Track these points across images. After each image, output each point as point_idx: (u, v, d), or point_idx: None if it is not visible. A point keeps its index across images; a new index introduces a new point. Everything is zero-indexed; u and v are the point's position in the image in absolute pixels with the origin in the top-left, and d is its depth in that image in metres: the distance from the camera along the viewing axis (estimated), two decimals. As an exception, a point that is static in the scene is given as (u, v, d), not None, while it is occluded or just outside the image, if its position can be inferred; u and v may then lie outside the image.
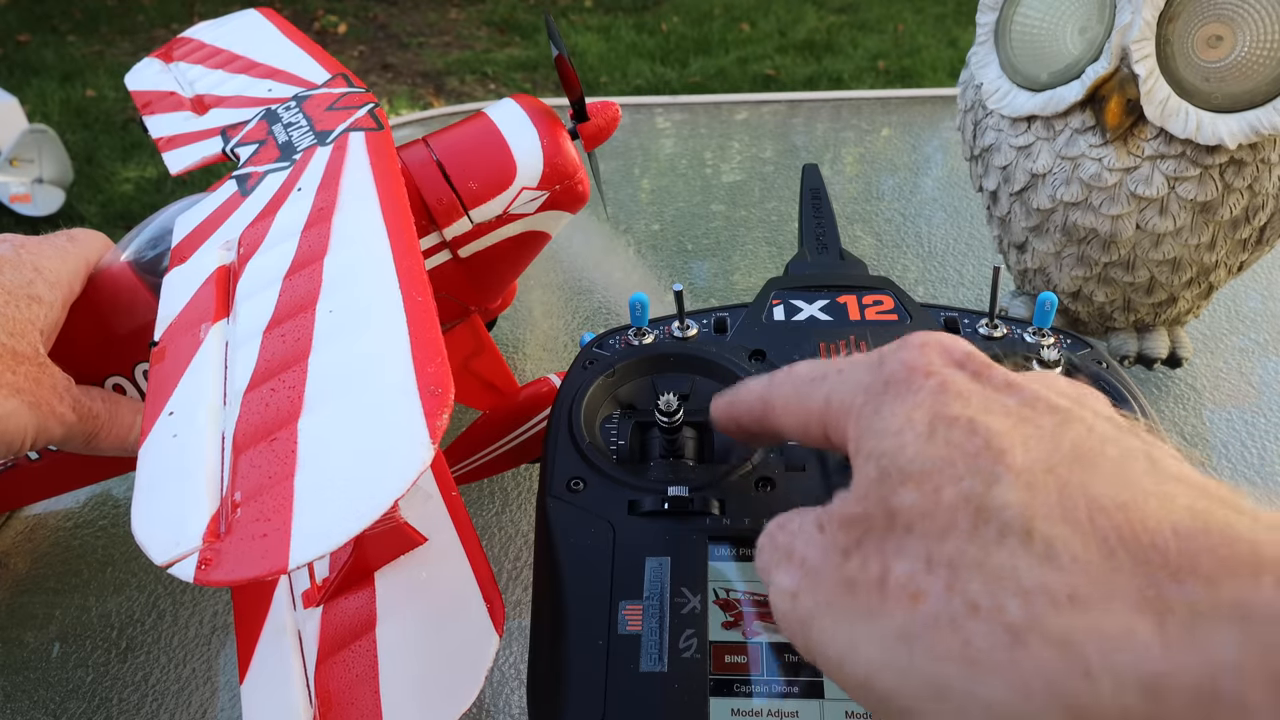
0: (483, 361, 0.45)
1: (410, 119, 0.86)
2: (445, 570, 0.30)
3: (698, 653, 0.26)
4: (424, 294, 0.28)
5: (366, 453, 0.24)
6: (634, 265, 0.66)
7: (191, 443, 0.26)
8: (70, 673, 0.40)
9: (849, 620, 0.20)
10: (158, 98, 0.48)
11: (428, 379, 0.25)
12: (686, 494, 0.30)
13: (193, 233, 0.36)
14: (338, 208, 0.33)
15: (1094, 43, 0.42)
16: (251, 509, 0.23)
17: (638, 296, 0.37)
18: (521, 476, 0.48)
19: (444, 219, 0.41)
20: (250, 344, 0.28)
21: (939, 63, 2.63)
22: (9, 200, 1.95)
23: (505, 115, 0.42)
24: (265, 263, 0.32)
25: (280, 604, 0.31)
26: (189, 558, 0.22)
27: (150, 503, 0.25)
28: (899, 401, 0.21)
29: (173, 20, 3.07)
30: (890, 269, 0.64)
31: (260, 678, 0.29)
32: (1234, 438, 0.49)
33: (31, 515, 0.48)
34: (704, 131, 0.85)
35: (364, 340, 0.27)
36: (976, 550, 0.18)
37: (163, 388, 0.28)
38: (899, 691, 0.18)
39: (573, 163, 0.42)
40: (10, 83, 2.41)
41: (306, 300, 0.29)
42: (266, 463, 0.24)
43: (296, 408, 0.25)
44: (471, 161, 0.41)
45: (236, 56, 0.49)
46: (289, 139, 0.39)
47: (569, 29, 2.95)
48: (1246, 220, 0.43)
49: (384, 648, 0.28)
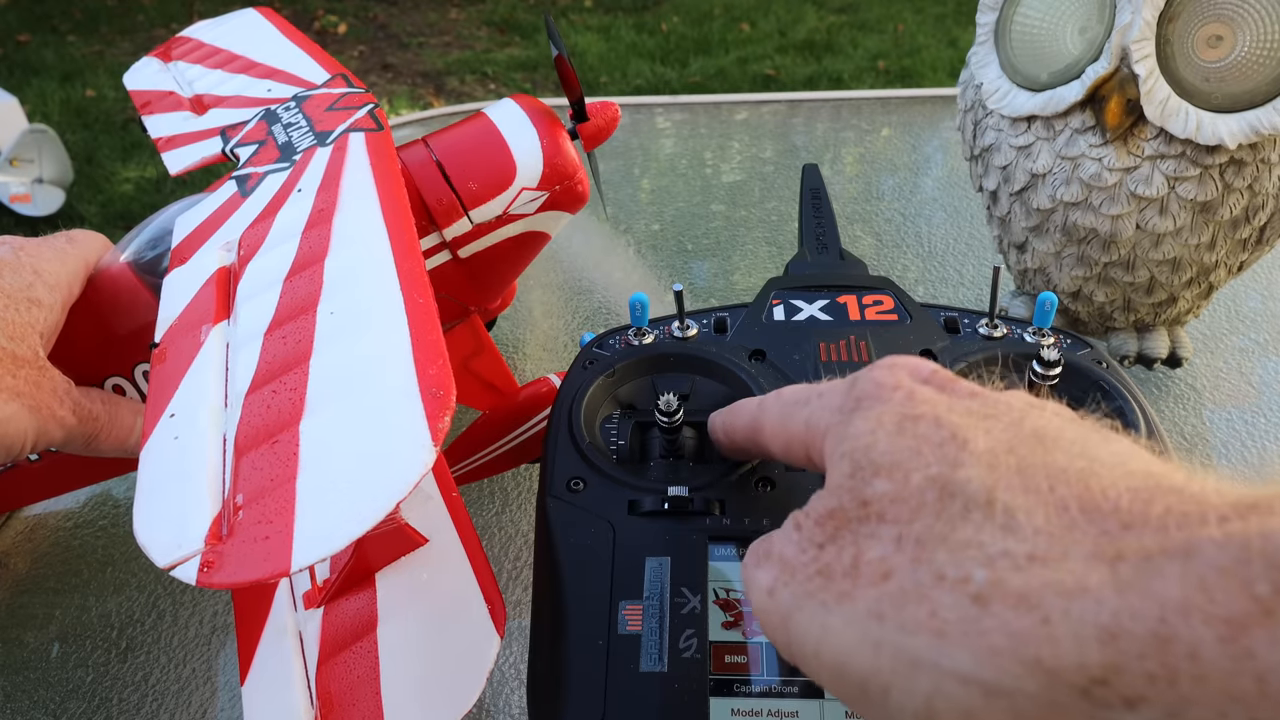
0: (482, 362, 0.45)
1: (410, 119, 0.86)
2: (446, 571, 0.30)
3: (698, 653, 0.26)
4: (425, 295, 0.28)
5: (368, 455, 0.24)
6: (634, 265, 0.66)
7: (193, 445, 0.26)
8: (70, 673, 0.40)
9: (824, 608, 0.20)
10: (157, 97, 0.48)
11: (429, 381, 0.25)
12: (686, 494, 0.30)
13: (193, 234, 0.36)
14: (338, 209, 0.33)
15: (1094, 43, 0.42)
16: (253, 511, 0.23)
17: (638, 296, 0.37)
18: (521, 476, 0.48)
19: (444, 219, 0.41)
20: (251, 346, 0.28)
21: (939, 63, 2.63)
22: (9, 200, 1.95)
23: (505, 115, 0.42)
24: (266, 264, 0.32)
25: (281, 605, 0.31)
26: (191, 560, 0.22)
27: (152, 505, 0.25)
28: (869, 411, 0.23)
29: (173, 20, 3.07)
30: (890, 269, 0.64)
31: (261, 679, 0.29)
32: (1234, 438, 0.49)
33: (31, 515, 0.48)
34: (704, 131, 0.85)
35: (365, 342, 0.27)
36: (942, 525, 0.19)
37: (164, 389, 0.28)
38: (874, 671, 0.19)
39: (572, 163, 0.42)
40: (10, 83, 2.41)
41: (307, 302, 0.29)
42: (268, 465, 0.24)
43: (298, 410, 0.25)
44: (471, 162, 0.41)
45: (236, 56, 0.49)
46: (289, 139, 0.39)
47: (569, 29, 2.95)
48: (1246, 220, 0.43)
49: (385, 649, 0.28)
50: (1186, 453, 0.48)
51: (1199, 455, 0.48)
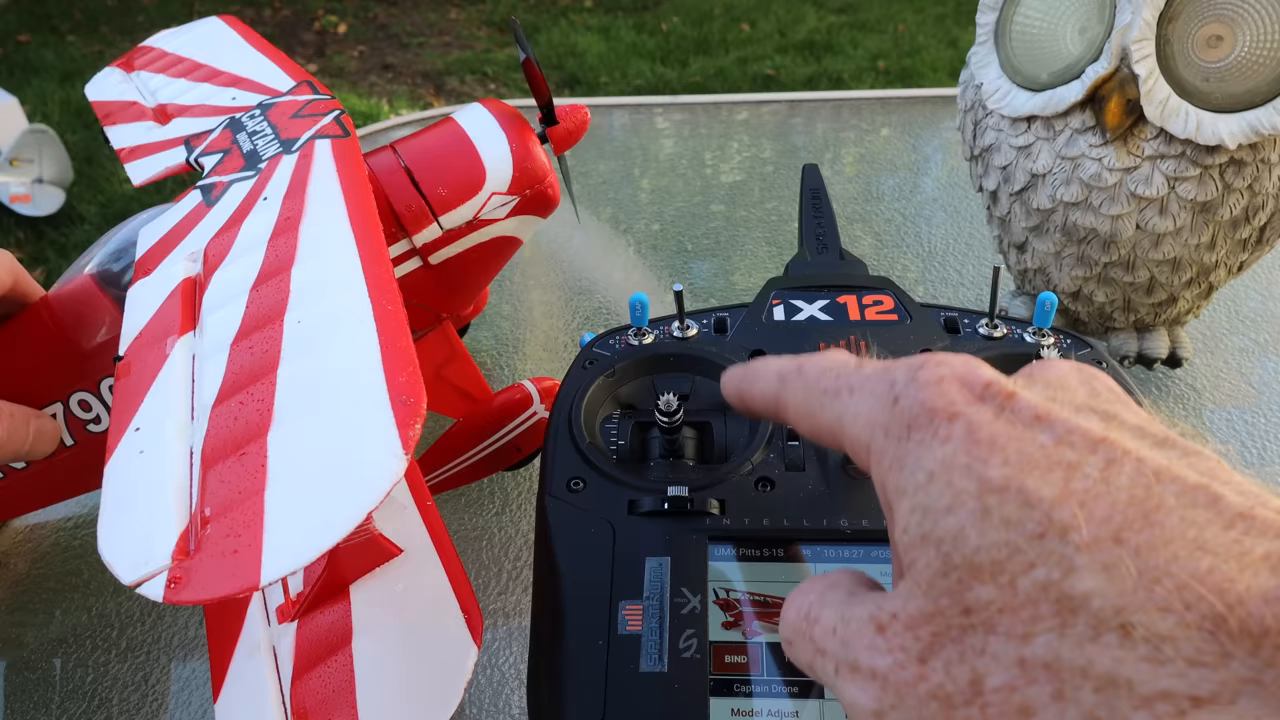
0: (455, 369, 0.45)
1: (410, 119, 0.86)
2: (422, 582, 0.29)
3: (698, 653, 0.26)
4: (394, 303, 0.28)
5: (338, 465, 0.23)
6: (634, 265, 0.66)
7: (158, 459, 0.25)
8: (70, 673, 0.40)
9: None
10: (119, 108, 0.47)
11: (399, 388, 0.24)
12: (686, 494, 0.30)
13: (157, 245, 0.35)
14: (305, 216, 0.33)
15: (1094, 43, 0.42)
16: (221, 525, 0.22)
17: (638, 296, 0.37)
18: (521, 477, 0.48)
19: (413, 226, 0.40)
20: (218, 357, 0.28)
21: (939, 63, 2.63)
22: (9, 200, 1.95)
23: (473, 120, 0.42)
24: (232, 274, 0.31)
25: (254, 620, 0.30)
26: (157, 577, 0.22)
27: (117, 521, 0.24)
28: (927, 452, 0.20)
29: (172, 20, 3.06)
30: (890, 269, 0.64)
31: (235, 695, 0.29)
32: (1234, 438, 0.49)
33: (31, 516, 0.48)
34: (704, 131, 0.85)
35: (334, 351, 0.27)
36: (1072, 651, 0.17)
37: (128, 403, 0.28)
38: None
39: (542, 167, 0.42)
40: (10, 83, 2.41)
41: (274, 311, 0.28)
42: (236, 478, 0.23)
43: (266, 421, 0.25)
44: (440, 167, 0.40)
45: (199, 65, 0.48)
46: (254, 147, 0.39)
47: (569, 29, 2.95)
48: (1246, 220, 0.43)
49: (361, 662, 0.28)
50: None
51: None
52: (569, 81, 2.64)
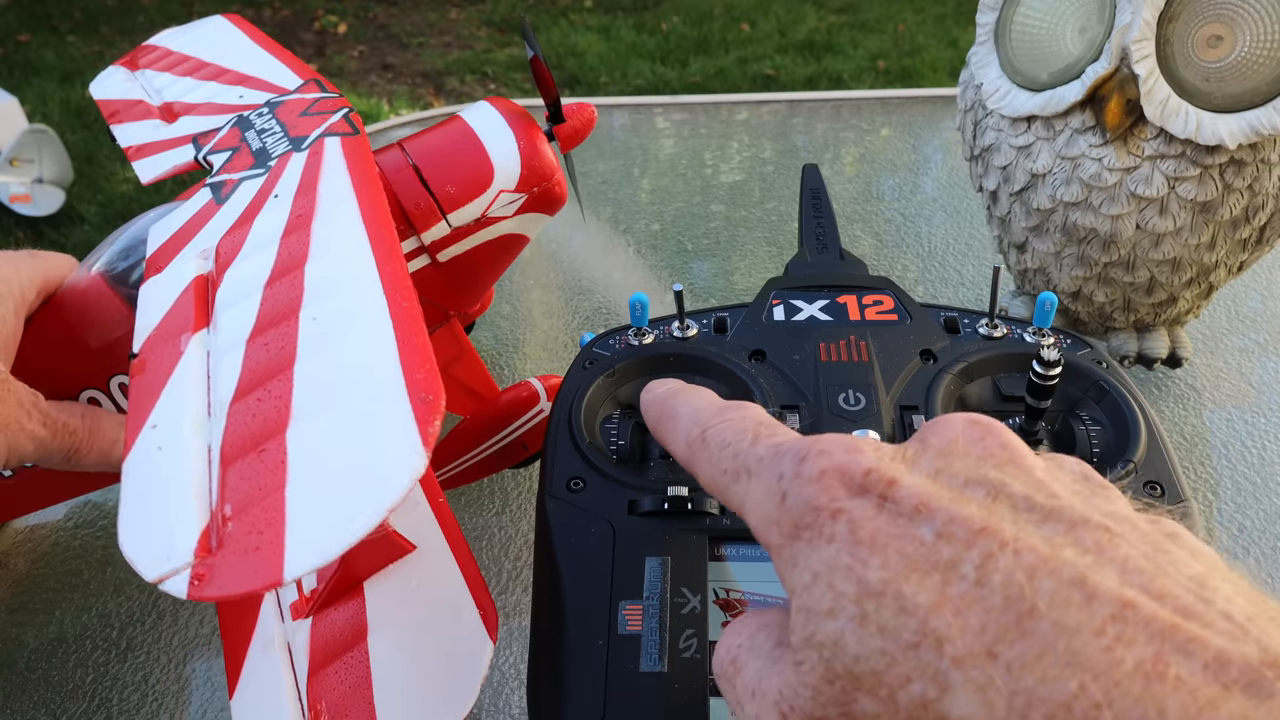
0: (463, 366, 0.45)
1: (410, 119, 0.86)
2: (436, 578, 0.29)
3: (698, 653, 0.26)
4: (409, 299, 0.28)
5: (358, 462, 0.23)
6: (634, 265, 0.66)
7: (177, 455, 0.25)
8: (70, 673, 0.40)
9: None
10: (125, 106, 0.47)
11: (418, 385, 0.24)
12: (686, 494, 0.30)
13: (168, 242, 0.35)
14: (316, 214, 0.33)
15: (1094, 43, 0.42)
16: (243, 522, 0.22)
17: (638, 296, 0.37)
18: (522, 476, 0.48)
19: (421, 223, 0.40)
20: (233, 354, 0.28)
21: (939, 63, 2.63)
22: (9, 200, 1.95)
23: (481, 118, 0.42)
24: (245, 271, 0.31)
25: (268, 616, 0.30)
26: (181, 573, 0.22)
27: (138, 517, 0.24)
28: (814, 553, 0.19)
29: (172, 20, 3.06)
30: (890, 269, 0.64)
31: (250, 692, 0.29)
32: (1234, 438, 0.49)
33: (31, 516, 0.48)
34: (704, 131, 0.85)
35: (350, 347, 0.26)
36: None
37: (145, 400, 0.27)
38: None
39: (550, 164, 0.42)
40: (10, 83, 2.41)
41: (289, 308, 0.28)
42: (256, 474, 0.23)
43: (284, 417, 0.25)
44: (448, 165, 0.41)
45: (205, 63, 0.48)
46: (263, 145, 0.39)
47: (569, 29, 2.95)
48: (1246, 220, 0.43)
49: (376, 658, 0.28)
50: (1186, 453, 0.48)
51: (1199, 455, 0.48)
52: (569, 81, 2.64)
